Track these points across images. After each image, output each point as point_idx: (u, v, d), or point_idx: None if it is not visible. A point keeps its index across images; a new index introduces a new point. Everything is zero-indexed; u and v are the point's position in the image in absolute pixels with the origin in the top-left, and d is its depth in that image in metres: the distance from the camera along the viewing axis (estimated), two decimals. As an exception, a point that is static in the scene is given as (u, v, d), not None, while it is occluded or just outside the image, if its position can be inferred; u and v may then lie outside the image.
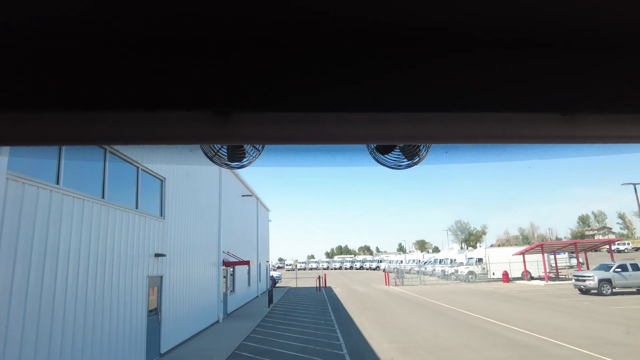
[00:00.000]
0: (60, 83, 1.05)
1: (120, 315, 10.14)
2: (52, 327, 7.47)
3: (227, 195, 22.85)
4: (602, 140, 1.21)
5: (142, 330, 11.41)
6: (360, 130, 1.15)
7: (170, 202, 14.31)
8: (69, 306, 8.00)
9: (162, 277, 13.25)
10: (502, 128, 1.17)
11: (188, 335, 15.23)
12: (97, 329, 8.98)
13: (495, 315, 18.41)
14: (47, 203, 7.57)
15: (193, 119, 1.12)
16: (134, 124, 1.11)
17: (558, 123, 1.16)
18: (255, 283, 31.03)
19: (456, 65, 1.13)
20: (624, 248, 68.86)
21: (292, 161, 1.45)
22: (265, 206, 38.37)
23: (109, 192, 9.94)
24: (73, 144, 1.15)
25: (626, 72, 1.14)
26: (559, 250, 40.50)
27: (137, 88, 1.06)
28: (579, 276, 26.97)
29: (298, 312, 22.07)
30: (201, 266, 17.69)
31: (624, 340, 12.74)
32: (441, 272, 45.07)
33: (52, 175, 7.88)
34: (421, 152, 1.41)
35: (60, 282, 7.78)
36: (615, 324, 15.63)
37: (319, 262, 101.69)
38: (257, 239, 32.81)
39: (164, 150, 1.46)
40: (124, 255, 10.53)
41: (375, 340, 14.08)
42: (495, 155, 1.50)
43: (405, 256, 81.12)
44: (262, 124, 1.13)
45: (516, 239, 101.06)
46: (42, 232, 7.36)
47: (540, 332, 14.41)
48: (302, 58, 1.11)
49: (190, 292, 15.94)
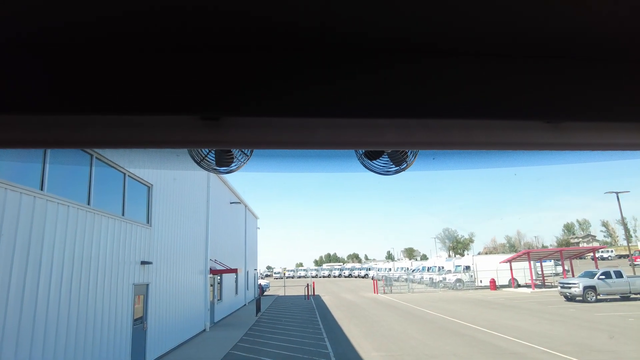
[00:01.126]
0: (47, 86, 1.04)
1: (104, 324, 9.93)
2: (33, 336, 7.28)
3: (215, 202, 22.67)
4: (586, 147, 1.24)
5: (127, 340, 11.18)
6: (350, 136, 1.15)
7: (157, 209, 14.15)
8: (51, 315, 7.81)
9: (149, 285, 13.04)
10: (488, 135, 1.19)
11: (174, 345, 14.98)
12: (80, 338, 8.78)
13: (483, 323, 18.49)
14: (31, 209, 7.42)
15: (181, 123, 1.11)
16: (122, 127, 1.10)
17: (543, 130, 1.18)
18: (242, 291, 30.71)
19: (442, 73, 1.15)
20: (608, 255, 69.98)
21: (281, 167, 1.45)
22: (253, 213, 38.14)
23: (95, 199, 9.79)
24: (60, 147, 1.14)
25: (610, 81, 1.16)
26: (545, 258, 40.95)
27: (124, 92, 1.06)
28: (565, 283, 27.30)
29: (286, 320, 21.88)
30: (188, 274, 17.46)
31: (608, 347, 12.90)
32: (429, 280, 45.16)
33: (36, 181, 7.74)
34: (409, 158, 1.42)
35: (42, 290, 7.60)
36: (600, 330, 15.82)
37: (308, 270, 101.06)
38: (245, 247, 32.54)
39: (150, 154, 1.45)
40: (109, 263, 10.35)
41: (363, 348, 14.01)
42: (482, 162, 1.52)
43: (394, 264, 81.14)
44: (251, 129, 1.13)
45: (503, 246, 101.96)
46: (24, 239, 7.20)
47: (527, 339, 14.51)
48: (291, 63, 1.11)
49: (177, 301, 15.71)
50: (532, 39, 1.11)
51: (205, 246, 20.21)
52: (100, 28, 1.02)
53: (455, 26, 1.06)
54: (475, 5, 0.98)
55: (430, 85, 1.13)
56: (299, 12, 0.99)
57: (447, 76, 1.14)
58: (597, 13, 1.01)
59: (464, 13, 1.01)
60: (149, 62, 1.08)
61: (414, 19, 1.02)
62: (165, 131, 1.10)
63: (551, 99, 1.14)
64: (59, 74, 1.05)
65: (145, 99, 1.05)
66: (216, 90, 1.07)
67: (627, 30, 1.08)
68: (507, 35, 1.10)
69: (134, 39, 1.06)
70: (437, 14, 1.01)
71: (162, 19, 1.00)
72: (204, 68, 1.08)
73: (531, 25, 1.07)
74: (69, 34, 1.04)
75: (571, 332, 15.63)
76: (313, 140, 1.16)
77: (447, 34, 1.09)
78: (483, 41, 1.12)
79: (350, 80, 1.11)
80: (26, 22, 0.99)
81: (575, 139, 1.20)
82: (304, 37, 1.08)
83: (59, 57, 1.06)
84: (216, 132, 1.12)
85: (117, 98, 1.05)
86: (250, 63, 1.10)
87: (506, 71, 1.16)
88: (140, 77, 1.06)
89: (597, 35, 1.10)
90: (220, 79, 1.08)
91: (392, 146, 1.25)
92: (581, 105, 1.14)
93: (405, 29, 1.06)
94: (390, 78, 1.13)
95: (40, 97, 1.04)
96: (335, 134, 1.15)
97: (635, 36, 1.10)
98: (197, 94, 1.06)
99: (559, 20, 1.04)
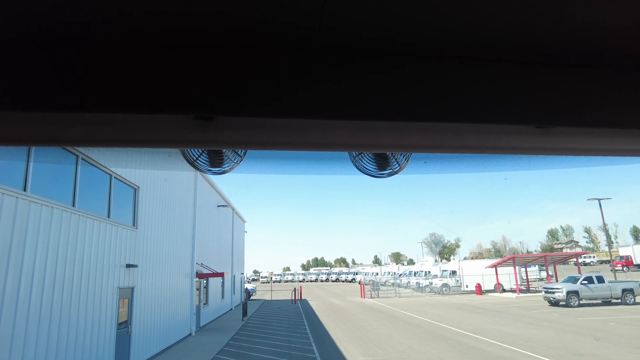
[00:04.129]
0: (38, 83, 1.02)
1: (88, 328, 9.73)
2: (13, 341, 7.10)
3: (202, 205, 22.47)
4: (575, 152, 1.26)
5: (110, 344, 10.98)
6: (343, 137, 1.16)
7: (144, 211, 13.97)
8: (32, 319, 7.63)
9: (134, 289, 12.84)
10: (479, 139, 1.21)
11: (159, 349, 14.75)
12: (62, 342, 8.59)
13: (469, 328, 18.63)
14: (12, 210, 7.25)
15: (175, 122, 1.10)
16: (114, 126, 1.09)
17: (533, 135, 1.21)
18: (229, 295, 30.44)
19: (435, 77, 1.16)
20: (590, 261, 71.14)
21: (274, 168, 1.45)
22: (241, 217, 37.90)
23: (80, 200, 9.62)
24: (50, 145, 1.12)
25: (600, 88, 1.19)
26: (530, 263, 41.53)
27: (117, 90, 1.05)
28: (549, 288, 27.68)
29: (273, 325, 21.74)
30: (174, 277, 17.24)
31: (590, 351, 13.11)
32: (416, 285, 45.37)
33: (19, 182, 7.58)
34: (401, 161, 1.44)
35: (23, 293, 7.43)
36: (583, 334, 16.07)
37: (295, 274, 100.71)
38: (232, 251, 32.29)
39: (141, 154, 1.43)
40: (94, 266, 10.17)
41: (350, 353, 13.99)
42: (473, 166, 1.54)
43: (381, 268, 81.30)
44: (245, 129, 1.13)
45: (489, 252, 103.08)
46: (5, 240, 7.03)
47: (511, 343, 14.66)
48: (286, 64, 1.11)
49: (162, 305, 15.49)
50: (523, 45, 1.14)
51: (191, 249, 19.99)
52: (95, 27, 1.01)
53: (448, 31, 1.07)
54: (467, 11, 1.00)
55: (424, 88, 1.14)
56: (295, 14, 1.00)
57: (440, 80, 1.16)
58: (585, 21, 1.04)
59: (456, 18, 1.02)
60: (144, 61, 1.07)
61: (407, 23, 1.03)
62: (159, 130, 1.10)
63: (542, 104, 1.16)
64: (50, 71, 1.04)
65: (139, 97, 1.04)
66: (211, 90, 1.07)
67: (617, 38, 1.10)
68: (498, 41, 1.12)
69: (129, 37, 1.06)
70: (430, 19, 1.02)
71: (157, 17, 0.99)
72: (199, 67, 1.08)
73: (522, 32, 1.09)
74: (59, 33, 1.03)
75: (555, 336, 15.84)
76: (307, 141, 1.16)
77: (440, 38, 1.11)
78: (476, 46, 1.14)
79: (344, 82, 1.12)
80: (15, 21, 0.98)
81: (565, 144, 1.22)
82: (300, 38, 1.09)
83: (50, 55, 1.05)
84: (210, 132, 1.12)
85: (109, 96, 1.04)
86: (245, 63, 1.10)
87: (498, 76, 1.18)
88: (134, 76, 1.05)
89: (587, 42, 1.12)
90: (215, 79, 1.08)
91: (385, 148, 1.26)
92: (571, 111, 1.16)
93: (398, 33, 1.07)
94: (384, 81, 1.14)
95: (30, 95, 1.02)
96: (328, 135, 1.16)
97: (625, 44, 1.13)
98: (192, 93, 1.06)
99: (549, 28, 1.06)
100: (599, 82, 1.20)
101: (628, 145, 1.24)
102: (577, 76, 1.20)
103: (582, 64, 1.20)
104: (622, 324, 18.34)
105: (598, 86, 1.19)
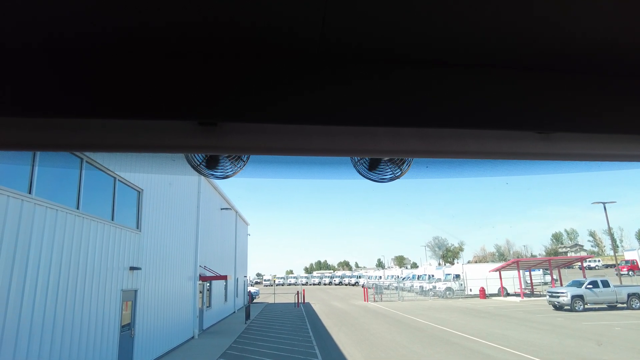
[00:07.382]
0: (45, 90, 1.04)
1: (91, 330, 9.76)
2: (17, 343, 7.13)
3: (205, 208, 22.52)
4: (576, 158, 1.27)
5: (114, 347, 11.00)
6: (345, 143, 1.17)
7: (147, 214, 14.01)
8: (36, 321, 7.66)
9: (137, 291, 12.87)
10: (481, 144, 1.22)
11: (162, 352, 14.75)
12: (65, 344, 8.62)
13: (472, 332, 18.53)
14: (18, 213, 7.30)
15: (179, 128, 1.12)
16: (119, 131, 1.10)
17: (534, 141, 1.21)
18: (232, 298, 30.43)
19: (436, 83, 1.17)
20: (595, 265, 70.66)
21: (277, 173, 1.46)
22: (244, 220, 37.92)
23: (84, 203, 9.67)
24: (56, 149, 1.14)
25: (600, 94, 1.20)
26: (534, 267, 41.27)
27: (122, 96, 1.06)
28: (553, 292, 27.49)
29: (276, 328, 21.71)
30: (177, 280, 17.27)
31: (595, 356, 13.00)
32: (419, 288, 45.17)
33: (24, 185, 7.63)
34: (403, 166, 1.44)
35: (28, 295, 7.47)
36: (587, 339, 15.95)
37: (298, 277, 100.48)
38: (235, 254, 32.30)
39: (146, 159, 1.45)
40: (97, 268, 10.21)
41: (353, 357, 13.94)
42: (474, 171, 1.55)
43: (384, 272, 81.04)
44: (248, 135, 1.14)
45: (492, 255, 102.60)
46: (10, 243, 7.08)
47: (516, 348, 14.56)
48: (288, 71, 1.13)
49: (165, 307, 15.51)
50: (524, 52, 1.15)
51: (195, 252, 20.02)
52: (100, 36, 1.03)
53: (449, 38, 1.09)
54: (468, 18, 1.01)
55: (425, 94, 1.15)
56: (296, 22, 1.01)
57: (441, 86, 1.17)
58: (586, 28, 1.05)
59: (456, 26, 1.03)
60: (148, 68, 1.09)
61: (408, 30, 1.05)
62: (163, 135, 1.11)
63: (542, 110, 1.17)
64: (57, 78, 1.06)
65: (144, 103, 1.06)
66: (214, 96, 1.08)
67: (617, 45, 1.11)
68: (500, 48, 1.13)
69: (134, 46, 1.07)
70: (430, 26, 1.03)
71: (161, 27, 1.01)
72: (203, 74, 1.10)
73: (523, 39, 1.10)
74: (66, 41, 1.05)
75: (559, 341, 15.72)
76: (309, 147, 1.17)
77: (440, 47, 1.12)
78: (476, 53, 1.15)
79: (345, 88, 1.13)
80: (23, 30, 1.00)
81: (565, 149, 1.23)
82: (302, 46, 1.10)
83: (57, 63, 1.07)
84: (213, 138, 1.13)
85: (114, 102, 1.06)
86: (248, 71, 1.11)
87: (499, 82, 1.19)
88: (139, 82, 1.07)
89: (588, 49, 1.13)
90: (218, 86, 1.09)
91: (387, 154, 1.27)
92: (572, 116, 1.17)
93: (399, 40, 1.09)
94: (384, 87, 1.15)
95: (37, 101, 1.04)
96: (330, 141, 1.17)
97: (626, 51, 1.14)
98: (195, 99, 1.08)
99: (549, 35, 1.07)
100: (600, 89, 1.20)
101: (628, 151, 1.24)
102: (577, 82, 1.20)
103: (583, 71, 1.21)
104: (627, 329, 18.19)
105: (599, 92, 1.20)
